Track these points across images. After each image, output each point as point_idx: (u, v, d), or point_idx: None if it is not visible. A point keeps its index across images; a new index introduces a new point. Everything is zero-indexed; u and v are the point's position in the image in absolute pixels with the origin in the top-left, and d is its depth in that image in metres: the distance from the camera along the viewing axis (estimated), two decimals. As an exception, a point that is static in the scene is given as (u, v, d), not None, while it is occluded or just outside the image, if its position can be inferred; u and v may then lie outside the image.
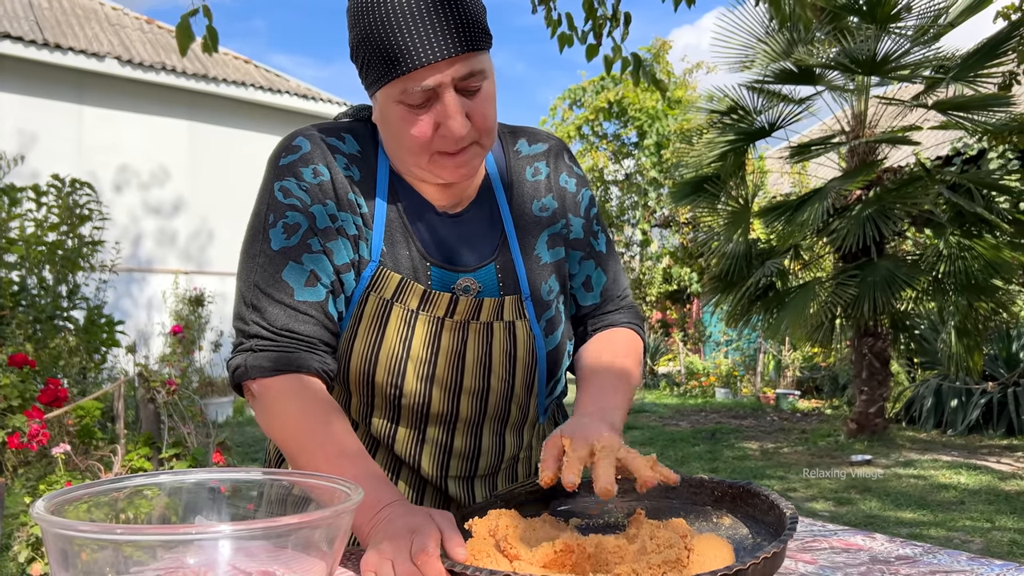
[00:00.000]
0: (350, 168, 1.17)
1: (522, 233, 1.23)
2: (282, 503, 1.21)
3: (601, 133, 16.62)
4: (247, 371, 1.10)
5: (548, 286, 1.24)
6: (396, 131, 1.09)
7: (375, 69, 1.05)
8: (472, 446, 1.24)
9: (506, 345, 1.20)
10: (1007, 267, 6.92)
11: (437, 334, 1.17)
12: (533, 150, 1.29)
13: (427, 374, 1.17)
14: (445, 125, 1.05)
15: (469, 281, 1.19)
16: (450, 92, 1.04)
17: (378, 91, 1.08)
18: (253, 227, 1.16)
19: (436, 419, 1.21)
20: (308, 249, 1.12)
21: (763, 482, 6.13)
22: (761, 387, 12.28)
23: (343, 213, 1.15)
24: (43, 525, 0.65)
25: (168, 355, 7.68)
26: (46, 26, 10.53)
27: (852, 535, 1.12)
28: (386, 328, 1.15)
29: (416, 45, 1.01)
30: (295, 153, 1.16)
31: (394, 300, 1.15)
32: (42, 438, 3.01)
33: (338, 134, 1.19)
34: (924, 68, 7.08)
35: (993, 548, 4.28)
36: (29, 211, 5.30)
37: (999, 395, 8.08)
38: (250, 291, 1.12)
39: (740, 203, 7.84)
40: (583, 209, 1.30)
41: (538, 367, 1.24)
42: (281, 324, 1.10)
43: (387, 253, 1.16)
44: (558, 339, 1.26)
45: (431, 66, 1.02)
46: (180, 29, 3.21)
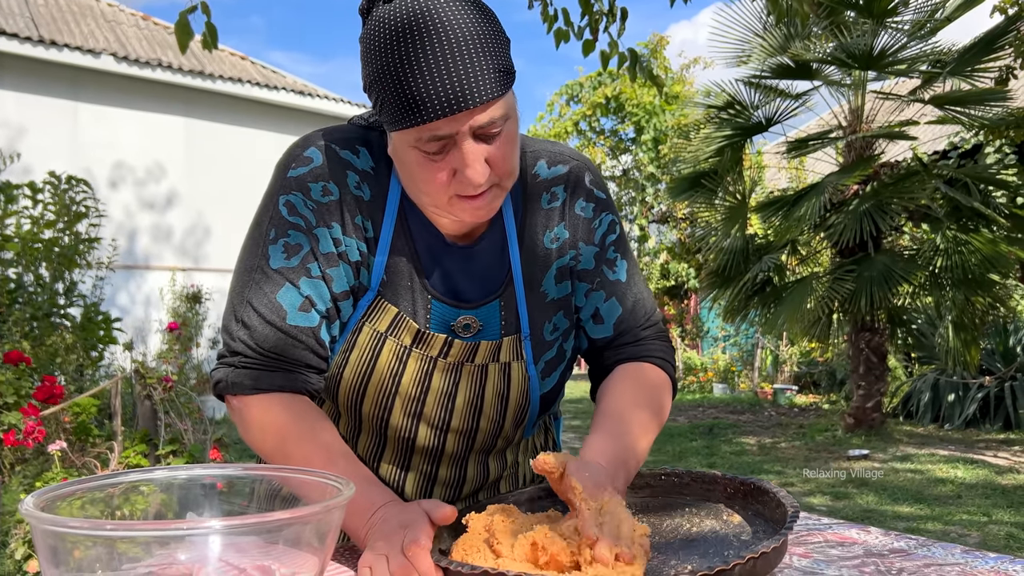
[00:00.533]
0: (361, 187, 1.10)
1: (530, 267, 1.16)
2: (275, 499, 1.21)
3: (598, 129, 16.61)
4: (228, 386, 1.07)
5: (552, 324, 1.18)
6: (412, 174, 1.03)
7: (388, 112, 0.98)
8: (457, 476, 1.23)
9: (499, 387, 1.16)
10: (1004, 262, 6.93)
11: (428, 373, 1.13)
12: (552, 173, 1.19)
13: (415, 411, 1.15)
14: (463, 173, 0.99)
15: (470, 319, 1.14)
16: (468, 141, 0.97)
17: (392, 132, 1.02)
18: (253, 238, 1.10)
19: (422, 451, 1.19)
20: (307, 273, 1.07)
21: (760, 477, 6.13)
22: (759, 382, 12.29)
23: (348, 238, 1.09)
24: (32, 522, 0.65)
25: (165, 352, 7.67)
26: (41, 23, 10.50)
27: (847, 528, 1.12)
28: (377, 361, 1.11)
29: (433, 94, 0.93)
30: (305, 165, 1.10)
31: (388, 334, 1.11)
32: (38, 435, 3.01)
33: (352, 146, 1.12)
34: (921, 63, 7.08)
35: (990, 542, 4.29)
36: (25, 208, 5.28)
37: (996, 389, 8.10)
38: (242, 306, 1.08)
39: (737, 198, 7.84)
40: (598, 236, 1.20)
41: (531, 407, 1.20)
42: (269, 346, 1.06)
43: (387, 283, 1.11)
44: (555, 380, 1.22)
45: (448, 118, 0.95)
46: (179, 26, 3.19)
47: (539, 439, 1.37)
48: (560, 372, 1.22)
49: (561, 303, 1.19)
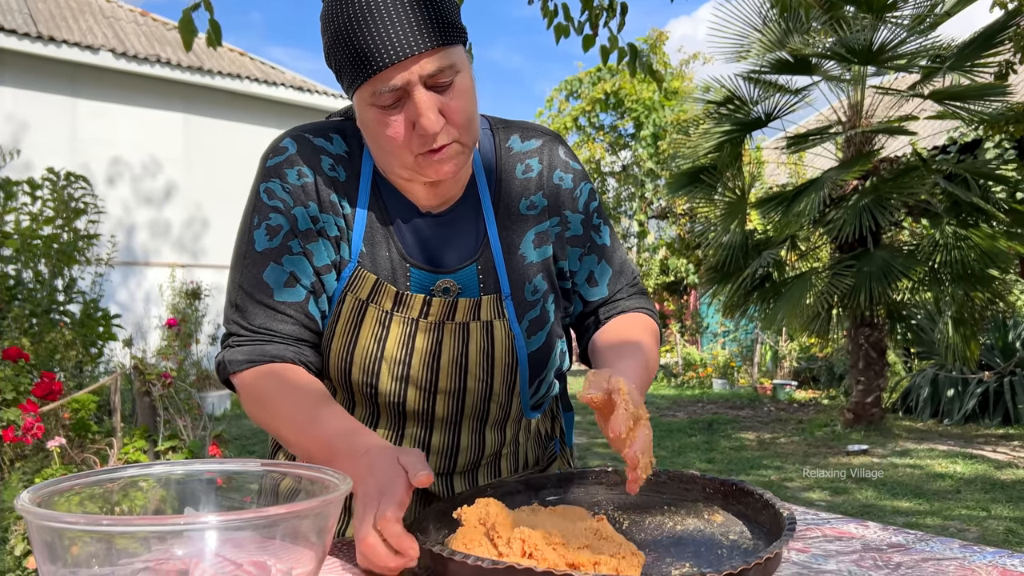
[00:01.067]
0: (335, 169, 1.17)
1: (506, 232, 1.21)
2: (275, 494, 1.21)
3: (598, 124, 16.60)
4: (226, 366, 1.14)
5: (533, 285, 1.22)
6: (374, 134, 1.08)
7: (347, 73, 1.05)
8: (450, 444, 1.24)
9: (483, 345, 1.19)
10: (1003, 257, 6.93)
11: (411, 335, 1.17)
12: (526, 146, 1.26)
13: (402, 374, 1.18)
14: (418, 123, 1.03)
15: (448, 283, 1.18)
16: (419, 89, 1.02)
17: (354, 95, 1.08)
18: (242, 228, 1.18)
19: (413, 417, 1.22)
20: (288, 251, 1.14)
21: (760, 472, 6.14)
22: (758, 378, 12.30)
23: (325, 215, 1.15)
24: (28, 517, 0.65)
25: (164, 348, 7.67)
26: (40, 19, 10.48)
27: (845, 523, 1.12)
28: (361, 328, 1.16)
29: (380, 45, 1.00)
30: (282, 155, 1.17)
31: (369, 301, 1.16)
32: (37, 431, 3.01)
33: (326, 134, 1.19)
34: (920, 58, 7.07)
35: (988, 537, 4.30)
36: (24, 205, 5.28)
37: (995, 385, 8.10)
38: (235, 291, 1.16)
39: (737, 194, 7.84)
40: (582, 204, 1.27)
41: (519, 367, 1.22)
42: (260, 323, 1.13)
43: (366, 254, 1.16)
44: (543, 339, 1.24)
45: (396, 65, 1.01)
46: (183, 23, 3.18)
47: (545, 424, 1.38)
48: (547, 332, 1.25)
49: (540, 266, 1.23)
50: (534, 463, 1.36)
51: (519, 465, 1.34)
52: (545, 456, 1.39)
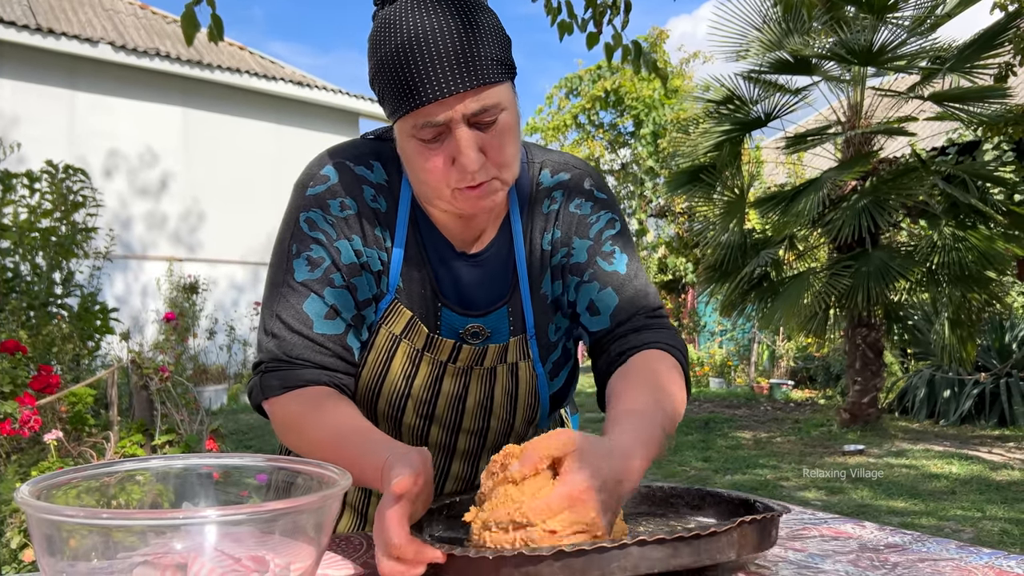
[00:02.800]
0: (377, 199, 1.15)
1: (532, 271, 1.20)
2: (274, 489, 1.21)
3: (597, 122, 16.60)
4: (261, 391, 1.11)
5: (555, 325, 1.22)
6: (413, 165, 1.07)
7: (389, 101, 1.03)
8: (469, 471, 1.27)
9: (508, 387, 1.20)
10: (1001, 258, 6.94)
11: (439, 377, 1.17)
12: (554, 181, 1.23)
13: (427, 412, 1.19)
14: (457, 160, 1.02)
15: (478, 327, 1.17)
16: (462, 127, 1.00)
17: (395, 123, 1.06)
18: (278, 255, 1.14)
19: (435, 448, 1.23)
20: (331, 284, 1.11)
21: (755, 471, 6.15)
22: (755, 377, 12.32)
23: (369, 249, 1.14)
24: (27, 510, 0.65)
25: (162, 342, 7.66)
26: (39, 11, 10.45)
27: (842, 523, 1.13)
28: (392, 362, 1.16)
29: (425, 79, 0.98)
30: (323, 184, 1.14)
31: (403, 336, 1.15)
32: (34, 424, 3.01)
33: (367, 161, 1.17)
34: (920, 59, 7.08)
35: (984, 537, 4.31)
36: (22, 197, 5.26)
37: (991, 386, 8.12)
38: (271, 320, 1.12)
39: (735, 193, 7.84)
40: (594, 231, 1.20)
41: (540, 406, 1.23)
42: (297, 353, 1.09)
43: (403, 289, 1.15)
44: (563, 380, 1.26)
45: (440, 102, 0.98)
46: (185, 18, 3.17)
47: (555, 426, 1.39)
48: (567, 371, 1.26)
49: (557, 303, 1.23)
50: None
51: None
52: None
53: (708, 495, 1.10)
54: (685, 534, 0.78)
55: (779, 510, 0.92)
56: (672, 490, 1.13)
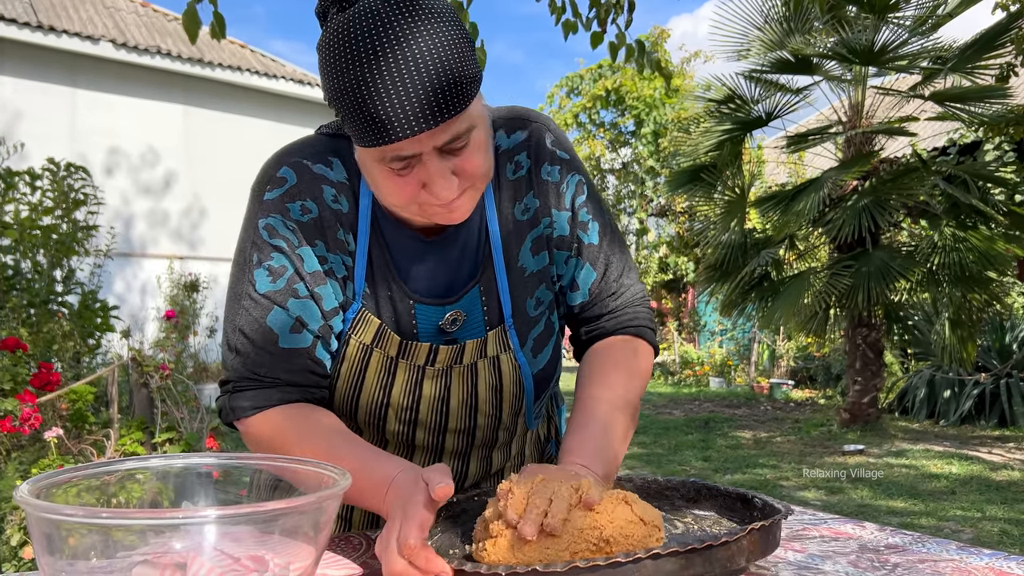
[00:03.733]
0: (338, 199, 1.08)
1: (505, 244, 1.14)
2: (271, 488, 1.21)
3: (598, 121, 16.60)
4: (230, 412, 1.07)
5: (535, 299, 1.17)
6: (379, 187, 1.01)
7: (352, 130, 0.94)
8: (459, 470, 1.22)
9: (492, 382, 1.15)
10: (1001, 259, 6.94)
11: (418, 382, 1.12)
12: (512, 141, 1.16)
13: (409, 419, 1.14)
14: (429, 187, 0.96)
15: (456, 314, 1.12)
16: (433, 158, 0.94)
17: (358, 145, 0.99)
18: (238, 265, 1.08)
19: (422, 450, 1.19)
20: (295, 295, 1.05)
21: (755, 471, 6.15)
22: (755, 376, 12.32)
23: (332, 255, 1.08)
24: (27, 509, 0.65)
25: (162, 340, 7.66)
26: (40, 8, 10.45)
27: (842, 524, 1.13)
28: (365, 373, 1.11)
29: (391, 116, 0.89)
30: (281, 186, 1.07)
31: (374, 345, 1.10)
32: (34, 422, 3.01)
33: (324, 159, 1.09)
34: (922, 59, 7.07)
35: (983, 538, 4.31)
36: (24, 195, 5.27)
37: (992, 386, 8.12)
38: (235, 335, 1.06)
39: (736, 192, 7.84)
40: (568, 199, 1.17)
41: (525, 394, 1.19)
42: (264, 372, 1.05)
43: (369, 294, 1.10)
44: (548, 355, 1.20)
45: (411, 139, 0.91)
46: (187, 16, 3.16)
47: (543, 430, 1.36)
48: (552, 346, 1.20)
49: (541, 275, 1.17)
50: None
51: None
52: (544, 460, 1.36)
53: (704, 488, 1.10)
54: (698, 546, 0.78)
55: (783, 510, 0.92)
56: (668, 482, 1.13)
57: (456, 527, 1.03)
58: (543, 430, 1.36)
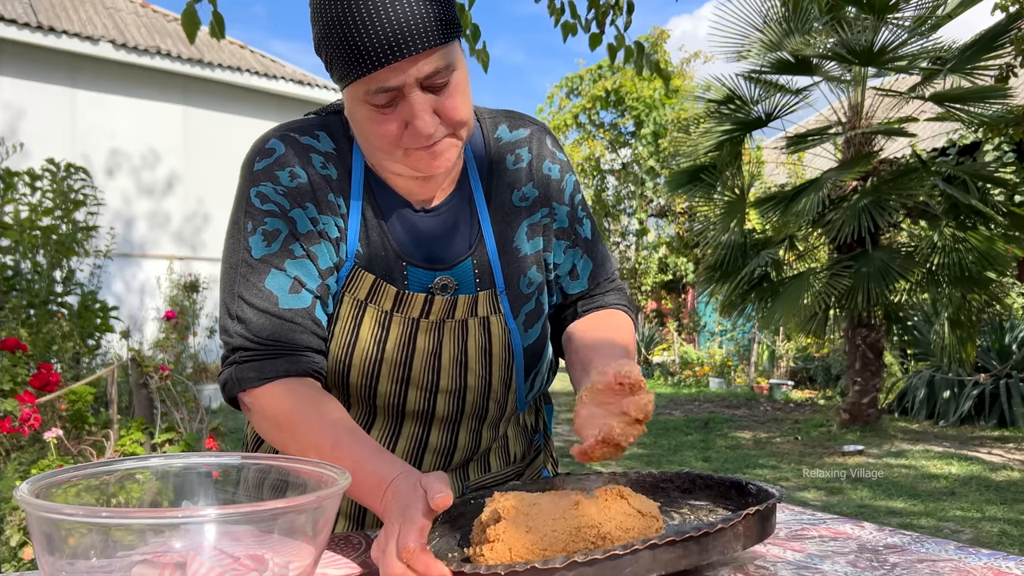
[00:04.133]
0: (327, 167, 1.13)
1: (501, 225, 1.20)
2: (270, 488, 1.21)
3: (598, 122, 16.59)
4: (236, 383, 1.07)
5: (528, 278, 1.21)
6: (364, 130, 1.06)
7: (338, 67, 1.01)
8: (448, 442, 1.23)
9: (481, 341, 1.18)
10: (1001, 259, 6.94)
11: (412, 335, 1.14)
12: (514, 136, 1.24)
13: (402, 376, 1.15)
14: (412, 124, 1.01)
15: (447, 280, 1.16)
16: (415, 91, 1.00)
17: (344, 88, 1.04)
18: (232, 236, 1.12)
19: (412, 416, 1.20)
20: (291, 255, 1.09)
21: (755, 471, 6.15)
22: (755, 377, 12.32)
23: (324, 216, 1.11)
24: (27, 508, 0.65)
25: (162, 340, 7.66)
26: (40, 8, 10.45)
27: (841, 524, 1.13)
28: (360, 329, 1.13)
29: (375, 45, 0.95)
30: (269, 156, 1.12)
31: (368, 301, 1.13)
32: (34, 422, 3.01)
33: (312, 132, 1.15)
34: (921, 59, 7.07)
35: (983, 538, 4.31)
36: (24, 195, 5.27)
37: (991, 387, 8.12)
38: (233, 302, 1.09)
39: (736, 193, 7.84)
40: (568, 196, 1.26)
41: (515, 362, 1.21)
42: (267, 335, 1.06)
43: (362, 253, 1.13)
44: (538, 332, 1.24)
45: (392, 66, 0.97)
46: (186, 16, 3.16)
47: (530, 418, 1.37)
48: (541, 324, 1.25)
49: (534, 258, 1.23)
50: (521, 457, 1.35)
51: (508, 459, 1.33)
52: (531, 449, 1.38)
53: (698, 478, 1.11)
54: (694, 533, 0.79)
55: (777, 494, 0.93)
56: (662, 475, 1.13)
57: (454, 531, 1.03)
58: (530, 419, 1.37)
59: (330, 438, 1.01)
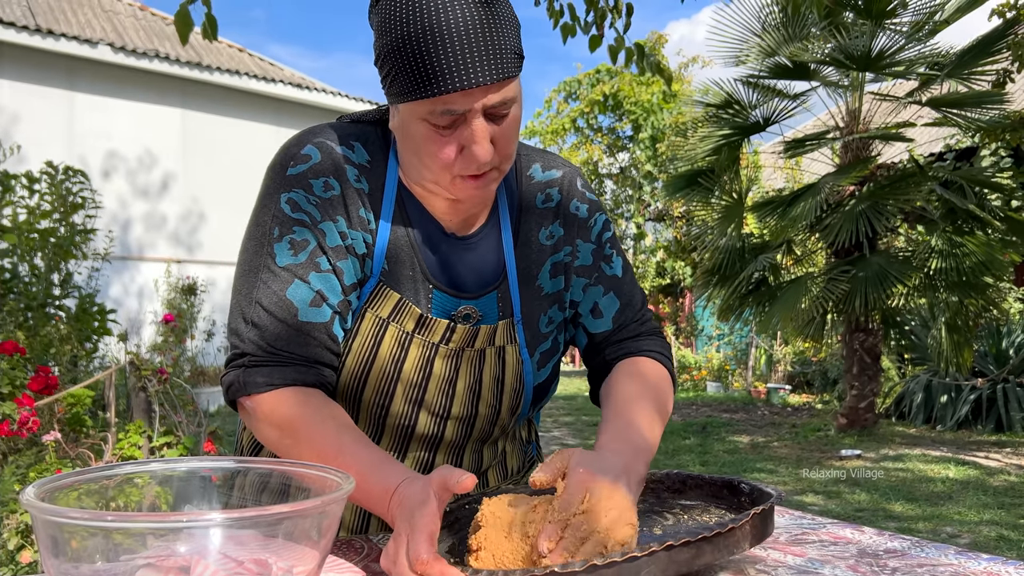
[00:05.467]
0: (360, 180, 1.11)
1: (525, 262, 1.19)
2: (273, 492, 1.21)
3: (596, 126, 16.62)
4: (242, 387, 1.05)
5: (548, 317, 1.21)
6: (418, 148, 1.04)
7: (402, 83, 0.99)
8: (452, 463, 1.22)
9: (496, 371, 1.17)
10: (998, 264, 6.95)
11: (430, 359, 1.13)
12: (547, 176, 1.24)
13: (416, 398, 1.14)
14: (470, 150, 1.01)
15: (470, 309, 1.15)
16: (479, 118, 1.00)
17: (402, 104, 1.02)
18: (256, 239, 1.08)
19: (419, 440, 1.19)
20: (317, 268, 1.07)
21: (753, 475, 6.16)
22: (752, 381, 12.33)
23: (353, 231, 1.10)
24: (33, 512, 0.65)
25: (160, 344, 7.66)
26: (39, 11, 10.45)
27: (841, 528, 1.13)
28: (380, 346, 1.11)
29: (450, 68, 0.95)
30: (304, 163, 1.10)
31: (390, 320, 1.11)
32: (32, 426, 3.00)
33: (347, 142, 1.13)
34: (919, 65, 7.09)
35: (980, 542, 4.31)
36: (22, 198, 5.27)
37: (988, 391, 8.13)
38: (251, 307, 1.06)
39: (734, 197, 7.85)
40: (594, 234, 1.25)
41: (524, 393, 1.21)
42: (281, 345, 1.05)
43: (388, 272, 1.12)
44: (549, 371, 1.24)
45: (464, 92, 0.97)
46: (179, 17, 3.17)
47: (523, 431, 1.37)
48: (553, 364, 1.24)
49: (555, 297, 1.22)
50: (517, 470, 1.35)
51: (506, 474, 1.33)
52: (525, 462, 1.38)
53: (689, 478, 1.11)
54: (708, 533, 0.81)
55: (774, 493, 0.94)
56: (652, 476, 1.14)
57: (450, 536, 1.03)
58: (524, 431, 1.38)
59: (335, 445, 1.00)
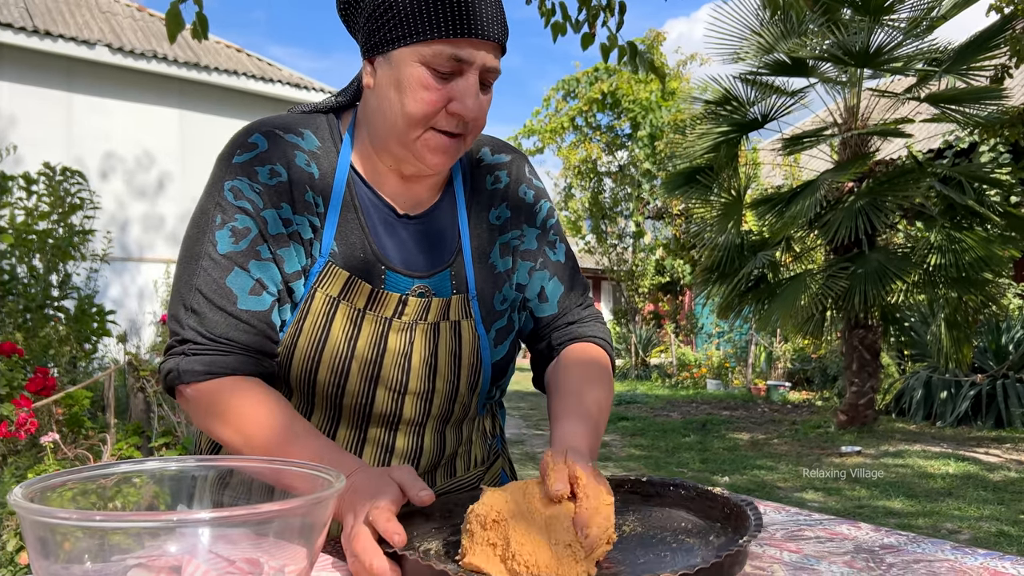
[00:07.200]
0: (310, 165, 1.13)
1: (479, 241, 1.22)
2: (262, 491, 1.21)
3: (595, 124, 16.60)
4: (179, 375, 1.05)
5: (502, 295, 1.23)
6: (407, 90, 1.05)
7: (418, 21, 1.02)
8: (414, 446, 1.21)
9: (452, 345, 1.17)
10: (997, 260, 6.95)
11: (383, 334, 1.13)
12: (495, 159, 1.28)
13: (371, 375, 1.14)
14: (460, 102, 1.05)
15: (423, 288, 1.16)
16: (474, 75, 1.05)
17: (402, 48, 1.04)
18: (198, 225, 1.09)
19: (378, 419, 1.18)
20: (257, 256, 1.07)
21: (753, 472, 6.16)
22: (752, 378, 12.33)
23: (299, 216, 1.10)
24: (20, 512, 0.65)
25: (159, 344, 7.65)
26: (36, 13, 10.44)
27: (838, 524, 1.13)
28: (331, 325, 1.11)
29: (476, 16, 1.02)
30: (251, 151, 1.11)
31: (341, 298, 1.12)
32: (31, 427, 3.00)
33: (296, 130, 1.15)
34: (917, 61, 7.09)
35: (980, 538, 4.31)
36: (20, 199, 5.26)
37: (988, 387, 8.13)
38: (190, 294, 1.06)
39: (732, 195, 7.85)
40: (539, 220, 1.29)
41: (483, 369, 1.21)
42: (220, 332, 1.05)
43: (337, 253, 1.12)
44: (506, 349, 1.24)
45: (477, 41, 1.03)
46: (170, 16, 3.17)
47: (487, 422, 1.37)
48: (510, 343, 1.25)
49: (506, 275, 1.25)
50: (482, 461, 1.35)
51: (471, 464, 1.32)
52: (490, 454, 1.38)
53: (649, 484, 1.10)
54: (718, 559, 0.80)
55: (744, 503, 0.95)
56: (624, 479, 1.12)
57: (442, 532, 1.02)
58: (488, 423, 1.37)
59: (283, 435, 1.01)
